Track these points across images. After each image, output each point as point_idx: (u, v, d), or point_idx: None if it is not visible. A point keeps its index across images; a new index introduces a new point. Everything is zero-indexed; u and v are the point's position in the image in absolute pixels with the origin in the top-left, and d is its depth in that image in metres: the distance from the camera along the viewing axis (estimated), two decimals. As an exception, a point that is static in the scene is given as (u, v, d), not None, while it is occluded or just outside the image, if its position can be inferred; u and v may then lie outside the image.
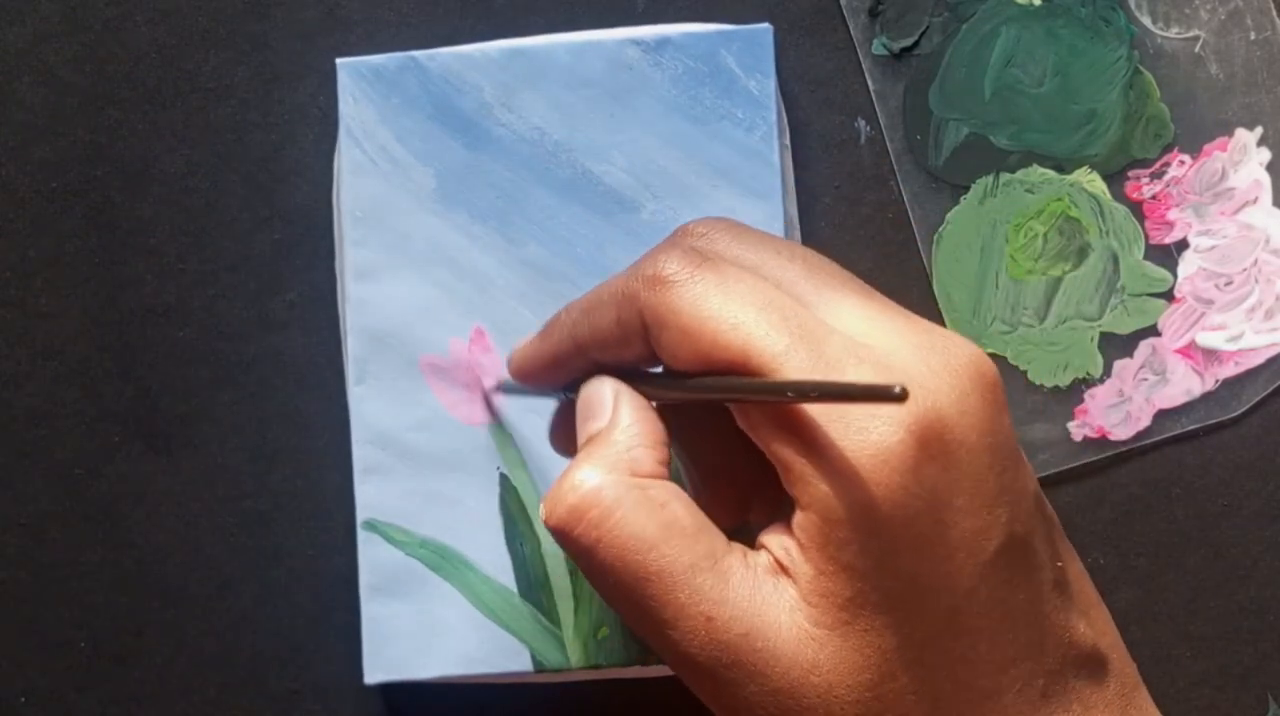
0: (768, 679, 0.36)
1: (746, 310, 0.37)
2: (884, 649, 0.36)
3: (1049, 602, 0.38)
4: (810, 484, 0.36)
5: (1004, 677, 0.37)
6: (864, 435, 0.35)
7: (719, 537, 0.38)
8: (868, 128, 0.51)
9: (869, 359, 0.36)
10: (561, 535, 0.38)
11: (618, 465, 0.38)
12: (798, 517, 0.37)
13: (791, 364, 0.36)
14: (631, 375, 0.40)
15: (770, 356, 0.36)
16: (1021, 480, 0.38)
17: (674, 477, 0.39)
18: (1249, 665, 0.51)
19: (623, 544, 0.37)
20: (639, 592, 0.37)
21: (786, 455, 0.36)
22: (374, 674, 0.48)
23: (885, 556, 0.36)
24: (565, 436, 0.44)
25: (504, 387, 0.48)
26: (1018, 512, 0.37)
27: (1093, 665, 0.39)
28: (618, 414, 0.39)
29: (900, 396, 0.33)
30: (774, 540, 0.38)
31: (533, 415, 0.49)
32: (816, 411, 0.36)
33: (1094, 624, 0.39)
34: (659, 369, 0.40)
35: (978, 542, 0.36)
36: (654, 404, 0.40)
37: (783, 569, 0.37)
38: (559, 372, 0.42)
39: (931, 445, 0.36)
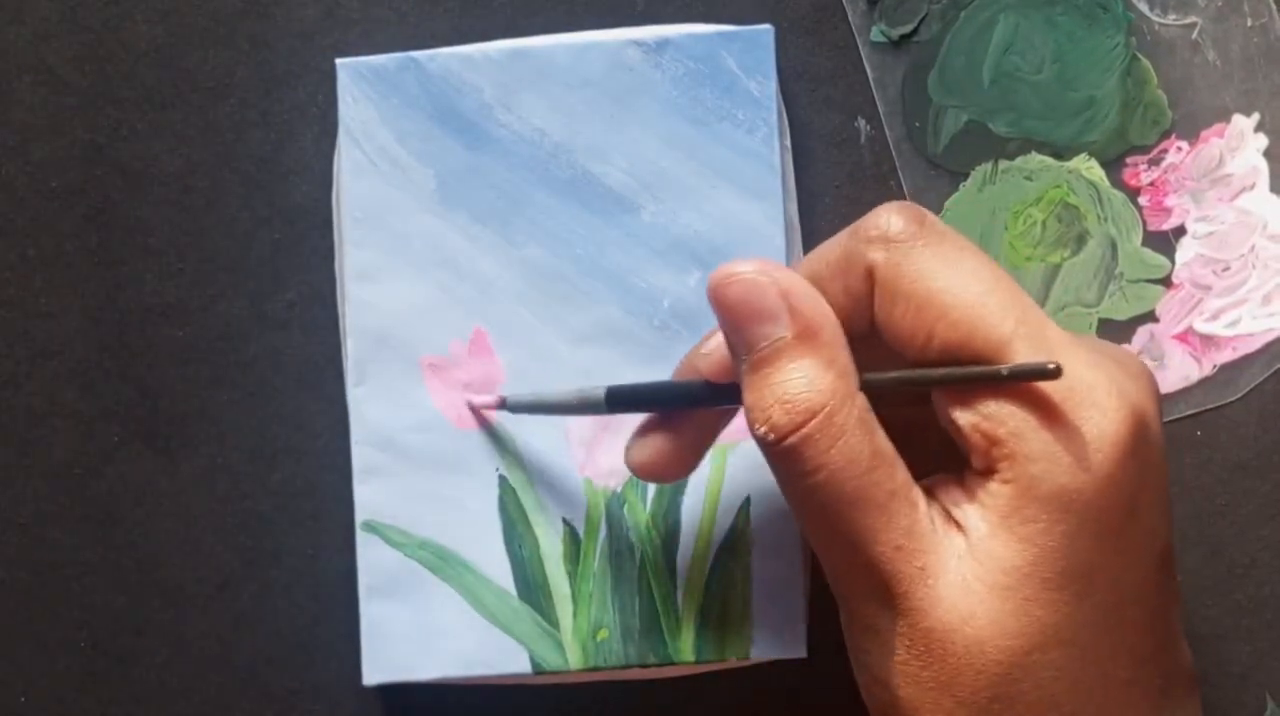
0: (925, 616, 0.37)
1: (980, 285, 0.38)
2: (1042, 622, 0.37)
3: (1176, 612, 0.40)
4: (1018, 460, 0.37)
5: (1140, 671, 0.38)
6: (1084, 423, 0.37)
7: (907, 470, 0.39)
8: (868, 127, 0.51)
9: (1083, 347, 0.38)
10: (784, 456, 0.38)
11: (838, 382, 0.38)
12: (988, 485, 0.37)
13: (1016, 348, 0.37)
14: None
15: (998, 338, 0.37)
16: (1169, 487, 0.40)
17: None
18: (1247, 664, 0.51)
19: (841, 468, 0.37)
20: (841, 515, 0.38)
21: (992, 430, 0.37)
22: (373, 675, 0.48)
23: (1069, 538, 0.37)
24: (660, 445, 0.44)
25: (511, 407, 0.48)
26: (1171, 521, 0.39)
27: (1191, 680, 0.41)
28: (807, 313, 0.39)
29: (1054, 373, 0.35)
30: (945, 493, 0.39)
31: (532, 416, 0.49)
32: (1035, 392, 0.37)
33: (1186, 643, 0.41)
34: None
35: (1151, 541, 0.38)
36: None
37: (952, 520, 0.38)
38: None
39: (1137, 439, 0.37)
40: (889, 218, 0.39)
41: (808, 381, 0.38)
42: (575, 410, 0.46)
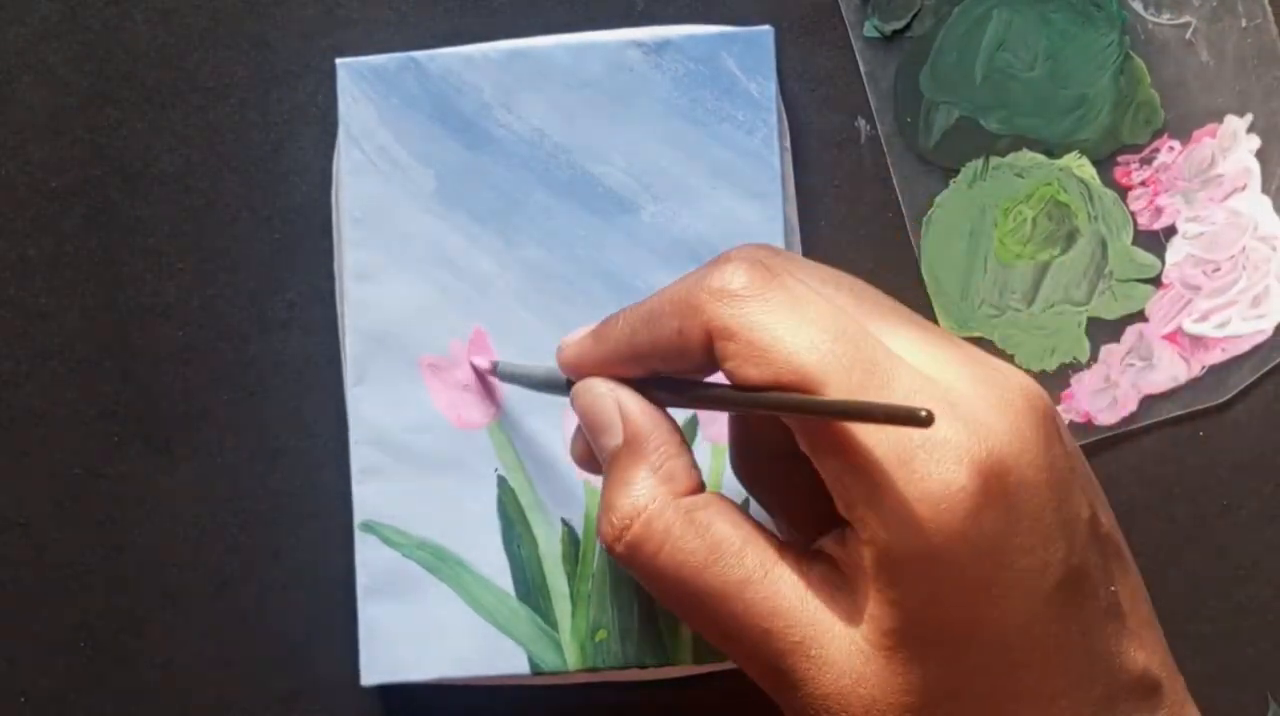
0: (819, 684, 0.37)
1: (821, 336, 0.36)
2: (927, 679, 0.36)
3: (1100, 631, 0.38)
4: (870, 523, 0.36)
5: (1050, 709, 0.37)
6: (926, 480, 0.35)
7: (767, 549, 0.38)
8: (868, 127, 0.51)
9: (934, 396, 0.36)
10: (623, 562, 0.39)
11: (658, 487, 0.39)
12: (852, 545, 0.37)
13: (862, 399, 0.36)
14: (672, 384, 0.41)
15: (843, 390, 0.36)
16: (1075, 508, 0.37)
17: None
18: (1249, 664, 0.51)
19: (676, 569, 0.38)
20: (696, 609, 0.38)
21: (847, 489, 0.36)
22: (371, 675, 0.48)
23: (934, 597, 0.36)
24: (586, 450, 0.44)
25: (499, 374, 0.48)
26: (1074, 544, 0.37)
27: (1143, 689, 0.38)
28: (633, 425, 0.40)
29: (926, 421, 0.32)
30: (835, 550, 0.38)
31: (531, 417, 0.49)
32: (879, 450, 0.35)
33: (1145, 645, 0.39)
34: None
35: (1034, 580, 0.36)
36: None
37: (844, 578, 0.38)
38: (612, 374, 0.42)
39: (992, 488, 0.35)
40: (733, 272, 0.38)
41: (626, 489, 0.39)
42: (543, 388, 0.45)
